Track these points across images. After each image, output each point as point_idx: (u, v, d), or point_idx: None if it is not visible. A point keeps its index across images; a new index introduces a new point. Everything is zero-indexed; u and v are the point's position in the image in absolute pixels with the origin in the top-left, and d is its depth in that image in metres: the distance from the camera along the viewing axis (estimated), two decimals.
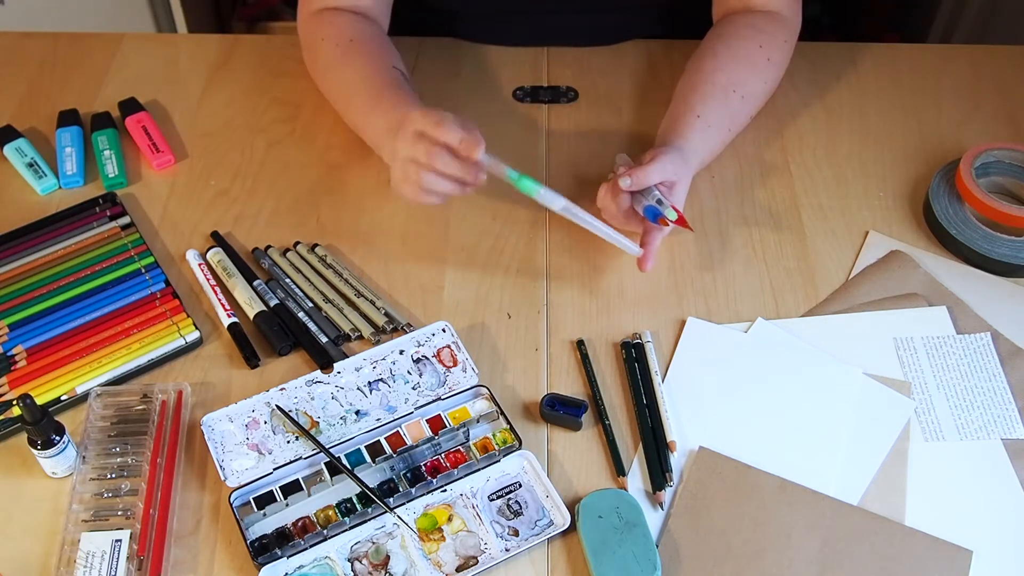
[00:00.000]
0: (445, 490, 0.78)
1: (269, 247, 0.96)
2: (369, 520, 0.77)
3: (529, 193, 0.87)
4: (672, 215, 0.87)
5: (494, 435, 0.82)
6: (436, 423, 0.82)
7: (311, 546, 0.75)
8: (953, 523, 0.76)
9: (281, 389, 0.83)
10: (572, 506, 0.77)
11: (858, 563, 0.74)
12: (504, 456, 0.80)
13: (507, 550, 0.75)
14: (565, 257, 0.95)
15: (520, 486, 0.79)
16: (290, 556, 0.74)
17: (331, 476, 0.78)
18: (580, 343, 0.88)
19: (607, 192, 0.91)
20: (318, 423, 0.82)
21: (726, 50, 1.00)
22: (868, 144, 1.06)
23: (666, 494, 0.78)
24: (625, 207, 0.90)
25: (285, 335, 0.88)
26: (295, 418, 0.82)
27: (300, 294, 0.92)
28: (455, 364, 0.85)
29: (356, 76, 0.97)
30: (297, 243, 0.96)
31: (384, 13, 1.06)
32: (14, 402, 0.82)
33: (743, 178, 1.02)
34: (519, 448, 0.80)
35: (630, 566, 0.72)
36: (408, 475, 0.79)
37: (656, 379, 0.84)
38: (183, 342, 0.88)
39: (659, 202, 0.88)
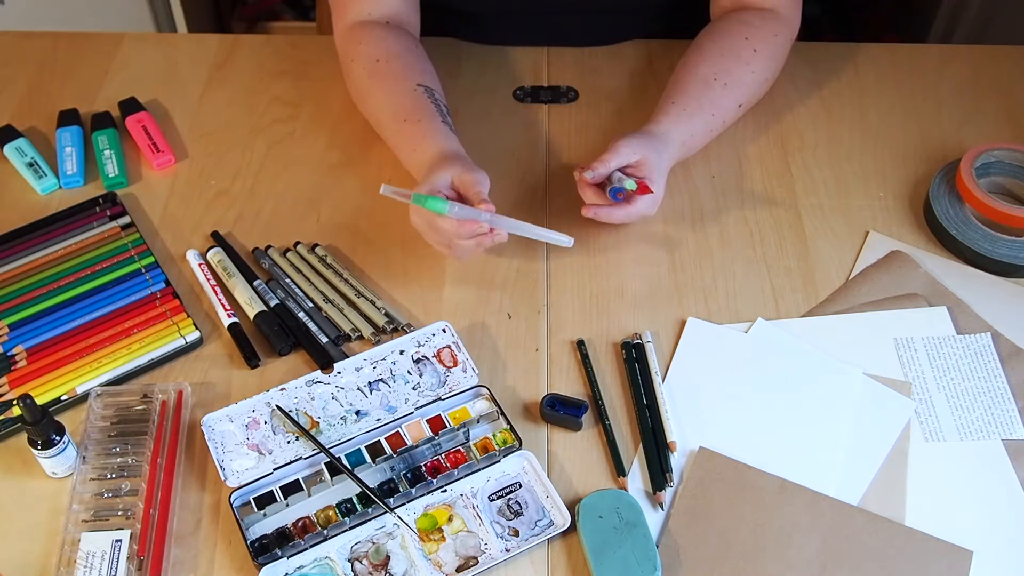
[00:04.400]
0: (445, 490, 0.78)
1: (269, 247, 0.96)
2: (369, 520, 0.77)
3: (441, 212, 0.84)
4: (631, 185, 0.89)
5: (494, 435, 0.82)
6: (436, 423, 0.82)
7: (311, 546, 0.75)
8: (953, 523, 0.76)
9: (281, 389, 0.83)
10: (572, 506, 0.77)
11: (858, 563, 0.74)
12: (504, 456, 0.80)
13: (507, 550, 0.75)
14: (565, 257, 0.95)
15: (520, 486, 0.79)
16: (290, 556, 0.74)
17: (331, 476, 0.78)
18: (580, 343, 0.88)
19: (590, 193, 0.92)
20: (318, 423, 0.82)
21: (711, 44, 1.01)
22: (868, 144, 1.06)
23: (666, 494, 0.78)
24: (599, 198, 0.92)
25: (285, 335, 0.88)
26: (295, 418, 0.82)
27: (300, 294, 0.92)
28: (455, 364, 0.85)
29: (380, 105, 0.99)
30: (297, 243, 0.96)
31: (413, 16, 1.07)
32: (14, 402, 0.82)
33: (743, 178, 1.02)
34: (519, 448, 0.80)
35: (630, 566, 0.72)
36: (408, 475, 0.79)
37: (656, 379, 0.84)
38: (183, 342, 0.88)
39: (619, 180, 0.89)
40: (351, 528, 0.76)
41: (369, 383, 0.85)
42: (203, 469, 0.80)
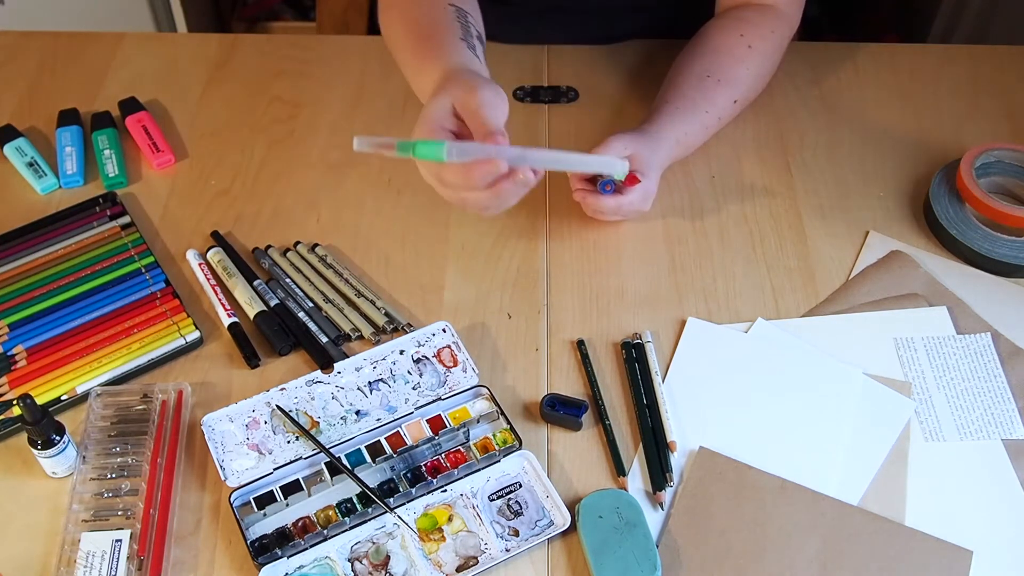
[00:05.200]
0: (445, 490, 0.78)
1: (269, 247, 0.96)
2: (369, 520, 0.77)
3: (436, 158, 0.68)
4: (620, 176, 0.89)
5: (494, 435, 0.82)
6: (436, 423, 0.82)
7: (311, 546, 0.75)
8: (953, 523, 0.76)
9: (281, 389, 0.83)
10: (572, 506, 0.77)
11: (858, 563, 0.74)
12: (504, 456, 0.80)
13: (507, 550, 0.75)
14: (565, 257, 0.95)
15: (520, 486, 0.79)
16: (290, 556, 0.74)
17: (331, 476, 0.78)
18: (580, 343, 0.88)
19: (581, 191, 0.92)
20: (318, 423, 0.82)
21: (705, 42, 1.01)
22: (868, 144, 1.06)
23: (666, 494, 0.78)
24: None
25: (285, 335, 0.88)
26: (295, 418, 0.81)
27: (300, 294, 0.92)
28: (455, 364, 0.85)
29: (398, 21, 0.88)
30: (297, 243, 0.96)
31: None
32: (14, 402, 0.82)
33: (743, 178, 1.02)
34: (519, 448, 0.80)
35: (630, 566, 0.72)
36: (408, 475, 0.79)
37: (656, 379, 0.84)
38: (183, 342, 0.88)
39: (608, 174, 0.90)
40: (351, 528, 0.76)
41: (369, 383, 0.85)
42: (203, 469, 0.80)
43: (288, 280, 0.93)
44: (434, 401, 0.83)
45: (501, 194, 0.72)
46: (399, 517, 0.76)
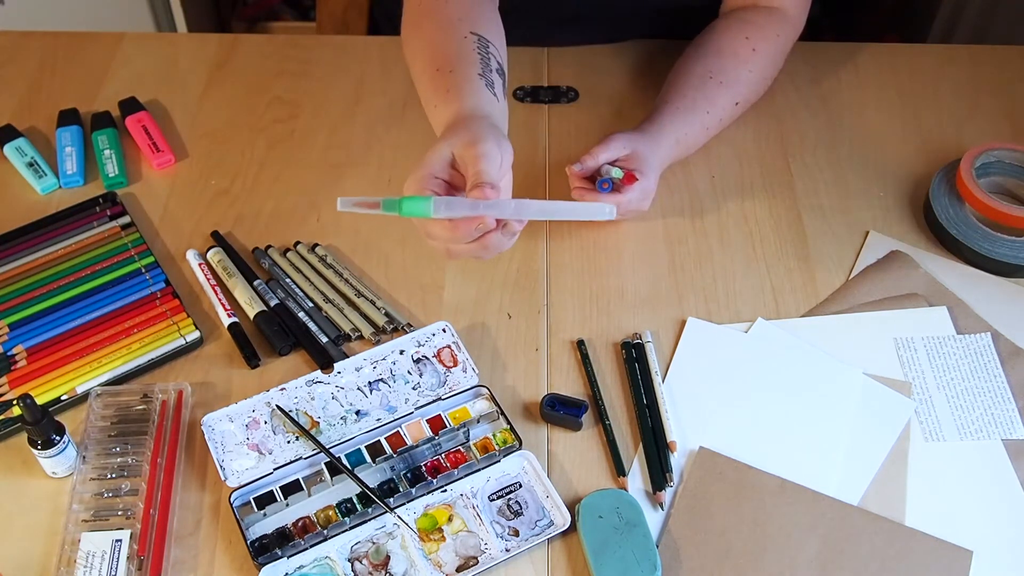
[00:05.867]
0: (445, 490, 0.78)
1: (269, 247, 0.96)
2: (369, 520, 0.77)
3: (423, 215, 0.69)
4: (618, 174, 0.89)
5: (494, 435, 0.82)
6: (436, 423, 0.82)
7: (311, 546, 0.75)
8: (953, 523, 0.76)
9: (281, 389, 0.83)
10: (572, 506, 0.77)
11: (858, 563, 0.74)
12: (504, 456, 0.80)
13: (507, 550, 0.75)
14: (565, 257, 0.95)
15: (520, 486, 0.79)
16: (290, 556, 0.74)
17: (331, 476, 0.78)
18: (580, 343, 0.88)
19: (579, 190, 0.92)
20: (318, 423, 0.82)
21: (709, 43, 1.01)
22: (868, 144, 1.06)
23: (666, 494, 0.78)
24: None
25: (285, 335, 0.88)
26: (295, 418, 0.81)
27: (300, 294, 0.92)
28: (455, 364, 0.85)
29: (419, 48, 0.89)
30: (297, 243, 0.96)
31: None
32: (14, 402, 0.82)
33: (743, 178, 1.02)
34: (519, 448, 0.80)
35: (630, 566, 0.72)
36: (408, 475, 0.79)
37: (656, 379, 0.84)
38: (183, 342, 0.88)
39: (607, 172, 0.90)
40: (351, 528, 0.76)
41: (369, 383, 0.85)
42: (203, 469, 0.80)
43: (288, 280, 0.93)
44: (434, 401, 0.83)
45: (489, 246, 0.74)
46: (399, 517, 0.76)
